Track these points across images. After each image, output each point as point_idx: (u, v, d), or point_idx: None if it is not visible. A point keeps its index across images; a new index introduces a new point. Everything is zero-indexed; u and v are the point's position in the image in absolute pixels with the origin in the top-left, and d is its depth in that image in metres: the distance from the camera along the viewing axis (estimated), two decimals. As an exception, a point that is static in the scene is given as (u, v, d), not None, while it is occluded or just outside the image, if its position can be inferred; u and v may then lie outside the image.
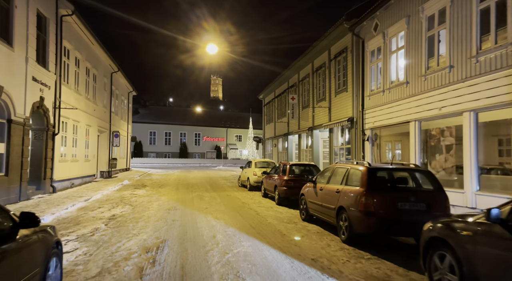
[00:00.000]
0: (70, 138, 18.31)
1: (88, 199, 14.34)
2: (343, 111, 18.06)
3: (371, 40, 15.26)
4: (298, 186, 12.55)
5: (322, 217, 8.54)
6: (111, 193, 16.87)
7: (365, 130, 15.75)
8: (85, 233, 8.25)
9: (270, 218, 10.28)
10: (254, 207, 12.63)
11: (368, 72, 15.57)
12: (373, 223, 6.49)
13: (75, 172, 19.36)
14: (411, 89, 12.51)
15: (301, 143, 25.30)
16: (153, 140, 68.29)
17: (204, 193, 16.94)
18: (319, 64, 21.38)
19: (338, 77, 18.99)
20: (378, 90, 14.81)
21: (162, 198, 14.97)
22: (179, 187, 19.96)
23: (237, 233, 8.17)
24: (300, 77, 25.31)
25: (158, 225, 9.19)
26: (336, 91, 19.07)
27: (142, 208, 12.16)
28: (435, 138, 11.69)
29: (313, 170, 13.51)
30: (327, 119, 20.16)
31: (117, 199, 14.83)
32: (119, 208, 12.28)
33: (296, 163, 13.66)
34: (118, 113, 31.79)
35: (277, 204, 13.24)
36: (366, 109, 15.74)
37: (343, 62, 18.20)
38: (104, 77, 25.77)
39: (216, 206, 12.77)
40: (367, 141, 15.56)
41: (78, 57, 19.37)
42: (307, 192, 9.73)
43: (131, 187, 20.14)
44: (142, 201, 13.99)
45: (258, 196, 16.26)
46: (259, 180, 18.34)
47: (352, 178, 7.48)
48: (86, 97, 21.07)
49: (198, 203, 13.57)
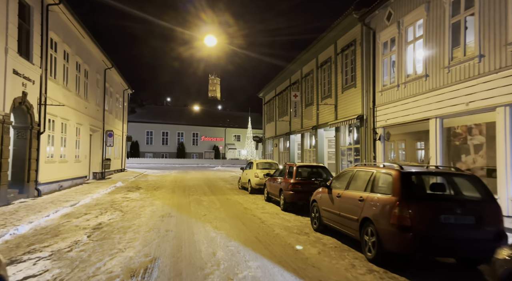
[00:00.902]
0: (58, 137, 17.03)
1: (75, 204, 13.08)
2: (351, 108, 16.85)
3: (383, 30, 14.05)
4: (307, 190, 11.35)
5: (340, 229, 7.32)
6: (101, 197, 15.61)
7: (376, 128, 14.55)
8: (61, 248, 7.00)
9: (278, 228, 9.05)
10: (258, 213, 11.40)
11: (380, 65, 14.37)
12: (409, 240, 5.26)
13: (64, 174, 18.08)
14: (432, 83, 11.30)
15: (304, 142, 24.08)
16: (150, 140, 66.96)
17: (202, 197, 15.70)
18: (324, 59, 20.17)
19: (345, 72, 17.78)
20: (391, 85, 13.61)
21: (156, 203, 13.73)
22: (175, 190, 18.71)
23: (241, 248, 6.93)
24: (303, 74, 24.09)
25: (149, 237, 7.95)
26: (343, 87, 17.86)
27: (133, 215, 10.91)
28: (460, 136, 10.49)
29: (322, 173, 12.29)
30: (333, 117, 18.94)
31: (107, 203, 13.58)
32: (107, 214, 11.03)
33: (303, 164, 12.43)
34: (113, 112, 30.50)
35: (282, 209, 12.01)
36: (377, 105, 14.53)
37: (351, 56, 16.99)
38: (97, 74, 24.48)
39: (216, 212, 11.53)
40: (379, 141, 14.35)
41: (67, 50, 18.10)
42: (320, 198, 8.50)
43: (124, 189, 18.88)
44: (134, 206, 12.74)
45: (260, 200, 15.03)
46: (261, 183, 17.11)
47: (380, 183, 6.26)
48: (77, 94, 19.79)
49: (195, 208, 12.33)
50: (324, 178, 11.97)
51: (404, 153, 13.81)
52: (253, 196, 16.22)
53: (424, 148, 12.56)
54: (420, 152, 12.84)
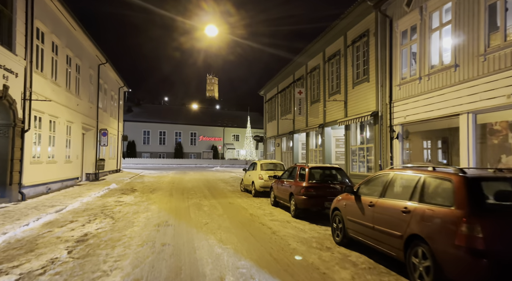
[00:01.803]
0: (45, 136, 15.68)
1: (61, 209, 11.74)
2: (364, 104, 15.57)
3: (402, 18, 12.77)
4: (321, 195, 10.07)
5: (374, 245, 6.01)
6: (92, 201, 14.27)
7: (393, 126, 13.27)
8: (33, 269, 5.69)
9: (293, 240, 7.75)
10: (266, 221, 10.09)
11: (398, 57, 13.08)
12: (483, 268, 3.97)
13: (53, 175, 16.73)
14: (462, 74, 10.02)
15: (310, 142, 22.78)
16: (147, 139, 65.52)
17: (202, 201, 14.38)
18: (333, 52, 18.87)
19: (356, 65, 16.49)
20: (412, 77, 12.33)
21: (152, 208, 12.41)
22: (173, 192, 17.38)
23: (255, 271, 5.62)
24: (308, 69, 22.78)
25: (141, 253, 6.63)
26: (354, 82, 16.57)
27: (125, 223, 9.59)
28: (499, 134, 9.20)
29: (338, 175, 10.98)
30: (342, 115, 17.66)
31: (97, 208, 12.26)
32: (96, 222, 9.71)
33: (317, 165, 11.10)
34: (107, 110, 29.12)
35: (293, 216, 10.70)
36: (394, 101, 13.25)
37: (364, 48, 15.70)
38: (90, 69, 23.12)
39: (219, 219, 10.22)
40: (397, 139, 13.07)
41: (56, 42, 16.74)
42: (344, 207, 7.20)
43: (118, 192, 17.54)
44: (127, 212, 11.42)
45: (266, 204, 13.73)
46: (266, 185, 15.83)
47: (433, 191, 4.96)
48: (67, 90, 18.43)
49: (195, 215, 11.02)
50: (340, 181, 10.68)
51: (429, 152, 12.53)
52: (258, 200, 14.91)
53: (450, 147, 11.29)
54: (448, 152, 11.56)
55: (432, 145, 12.24)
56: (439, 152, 11.96)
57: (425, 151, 12.66)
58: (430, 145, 12.34)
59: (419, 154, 12.56)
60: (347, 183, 10.53)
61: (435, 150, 12.18)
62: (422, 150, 12.55)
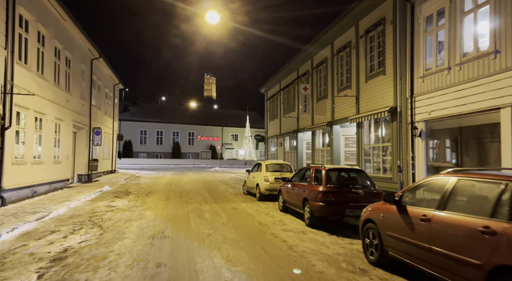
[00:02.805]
0: (30, 134, 14.28)
1: (44, 216, 10.36)
2: (379, 99, 14.24)
3: (426, 2, 11.45)
4: (342, 201, 8.72)
5: (432, 272, 4.61)
6: (81, 205, 12.89)
7: (415, 122, 11.94)
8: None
9: (315, 259, 6.39)
10: (278, 231, 8.73)
11: (421, 45, 11.75)
12: None
13: (39, 177, 15.32)
14: (504, 61, 8.70)
15: (316, 141, 21.42)
16: (144, 139, 64.00)
17: (203, 206, 13.01)
18: (343, 44, 17.52)
19: (370, 57, 15.15)
20: (438, 68, 11.00)
21: (146, 214, 11.04)
22: (170, 196, 16.00)
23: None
24: (314, 63, 21.43)
25: (130, 278, 5.27)
26: (367, 76, 15.23)
27: (115, 234, 8.22)
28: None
29: (359, 178, 9.61)
30: (353, 111, 16.32)
31: (85, 215, 10.88)
32: (80, 233, 8.34)
33: (335, 167, 9.69)
34: (101, 108, 27.69)
35: (308, 225, 9.33)
36: (416, 95, 11.93)
37: (379, 37, 14.36)
38: (82, 64, 21.70)
39: (223, 229, 8.85)
40: (419, 137, 11.74)
41: (42, 32, 15.33)
42: (381, 219, 5.84)
43: (110, 195, 16.15)
44: (119, 220, 10.05)
45: (274, 209, 12.38)
46: (272, 188, 14.48)
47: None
48: (56, 85, 17.02)
49: (196, 223, 9.65)
50: (362, 185, 9.32)
51: (460, 151, 11.18)
52: (264, 205, 13.55)
53: (486, 146, 9.97)
54: (483, 152, 10.23)
55: (462, 144, 10.89)
56: (471, 151, 10.62)
57: (449, 150, 11.33)
58: (460, 144, 10.99)
59: (446, 154, 11.23)
60: (371, 188, 9.17)
61: (466, 149, 10.82)
62: (450, 150, 11.20)
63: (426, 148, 11.62)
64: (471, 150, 10.61)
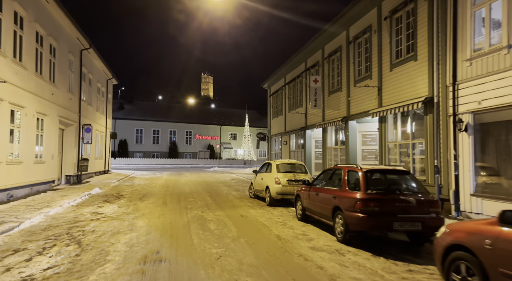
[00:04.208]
0: (4, 130, 12.29)
1: (12, 228, 8.41)
2: (408, 89, 12.35)
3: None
4: (389, 211, 6.80)
5: None
6: (62, 213, 10.93)
7: (458, 114, 10.04)
8: None
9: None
10: (306, 251, 6.80)
11: (468, 22, 9.86)
12: None
13: (17, 179, 13.34)
14: None
15: (327, 139, 19.50)
16: (139, 138, 61.90)
17: (206, 213, 11.07)
18: (361, 29, 15.60)
19: (396, 42, 13.25)
20: (493, 47, 9.11)
21: (139, 225, 9.10)
22: (167, 200, 14.05)
23: None
24: (325, 53, 19.51)
25: None
26: (392, 63, 13.33)
27: (95, 255, 6.29)
28: None
29: (405, 181, 7.66)
30: (374, 104, 14.42)
31: (64, 226, 8.94)
32: (51, 253, 6.41)
33: (375, 168, 7.72)
34: (93, 104, 25.66)
35: (341, 241, 7.39)
36: (461, 81, 10.03)
37: (409, 18, 12.47)
38: (70, 54, 19.69)
39: (235, 248, 6.91)
40: (464, 132, 9.85)
41: (20, 13, 13.34)
42: (490, 249, 3.89)
43: (100, 199, 14.19)
44: (104, 233, 8.11)
45: (290, 217, 10.47)
46: (285, 191, 12.59)
47: None
48: (38, 75, 15.03)
49: (200, 238, 7.70)
50: (412, 191, 7.38)
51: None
52: (276, 212, 11.63)
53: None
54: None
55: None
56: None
57: (504, 147, 9.41)
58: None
59: (501, 152, 9.31)
60: (423, 195, 7.21)
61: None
62: (507, 147, 9.27)
63: (474, 145, 9.72)
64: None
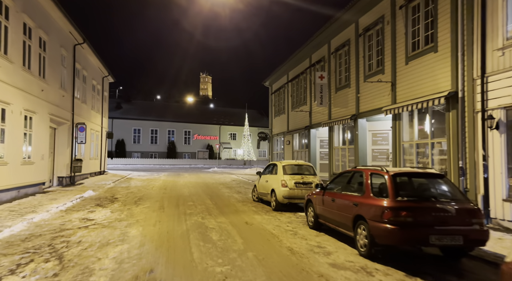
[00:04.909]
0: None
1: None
2: (427, 84, 11.34)
3: None
4: (423, 222, 5.80)
5: None
6: (48, 219, 9.88)
7: (488, 110, 9.03)
8: None
9: None
10: (327, 269, 5.76)
11: (500, 7, 8.85)
12: None
13: (1, 181, 12.30)
14: None
15: (334, 138, 18.48)
16: (137, 138, 60.75)
17: (207, 219, 10.02)
18: (372, 20, 14.59)
19: (413, 32, 12.24)
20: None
21: (131, 234, 8.06)
22: (164, 204, 13.01)
23: None
24: (331, 48, 18.49)
25: None
26: (408, 56, 12.32)
27: (76, 275, 5.27)
28: None
29: (440, 187, 6.61)
30: (387, 101, 13.41)
31: (47, 235, 7.90)
32: (25, 272, 5.40)
33: (403, 171, 6.64)
34: (87, 102, 24.58)
35: (365, 256, 6.36)
36: (491, 73, 9.02)
37: (428, 6, 11.46)
38: (62, 48, 18.63)
39: (243, 264, 5.88)
40: (495, 130, 8.84)
41: (5, 2, 12.31)
42: None
43: (92, 202, 13.14)
44: (90, 245, 7.07)
45: (300, 224, 9.44)
46: (292, 195, 11.58)
47: None
48: (25, 69, 13.98)
49: (201, 252, 6.66)
50: (449, 198, 6.34)
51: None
52: (284, 218, 10.60)
53: None
54: None
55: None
56: None
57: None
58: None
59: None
60: (463, 202, 6.16)
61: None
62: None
63: (506, 144, 8.71)
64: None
